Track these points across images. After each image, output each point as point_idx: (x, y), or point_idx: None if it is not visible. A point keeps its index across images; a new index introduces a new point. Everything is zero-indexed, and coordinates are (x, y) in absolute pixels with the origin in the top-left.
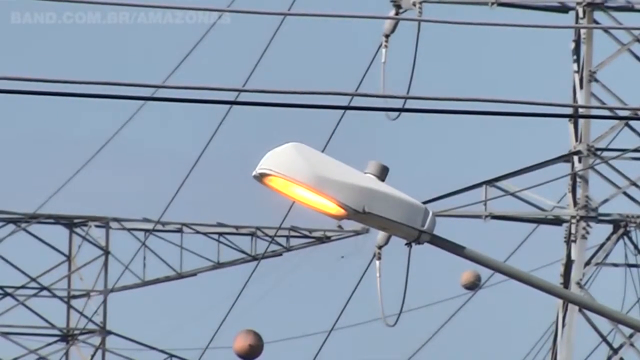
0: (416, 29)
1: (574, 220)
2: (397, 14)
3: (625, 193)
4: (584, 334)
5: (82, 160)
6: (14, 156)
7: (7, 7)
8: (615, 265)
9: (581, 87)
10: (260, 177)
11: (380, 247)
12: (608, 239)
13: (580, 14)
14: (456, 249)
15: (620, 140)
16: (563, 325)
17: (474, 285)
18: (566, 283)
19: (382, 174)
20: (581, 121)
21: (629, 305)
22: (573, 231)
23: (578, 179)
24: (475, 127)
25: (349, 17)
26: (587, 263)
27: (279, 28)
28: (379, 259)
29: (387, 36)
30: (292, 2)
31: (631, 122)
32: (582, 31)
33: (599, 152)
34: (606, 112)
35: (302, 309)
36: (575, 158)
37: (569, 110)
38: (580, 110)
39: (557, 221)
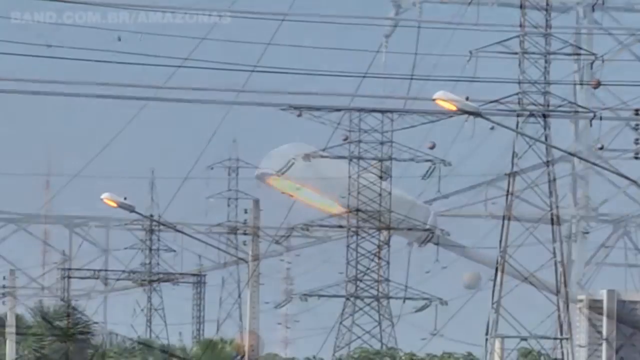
0: (416, 29)
1: (574, 220)
2: (397, 14)
3: (625, 193)
4: (584, 333)
5: (82, 161)
6: (14, 156)
7: (7, 7)
8: (615, 265)
9: (581, 87)
10: (261, 177)
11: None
12: (608, 239)
13: (581, 14)
14: (456, 249)
15: (620, 140)
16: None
17: (474, 285)
18: (566, 283)
19: (384, 173)
20: (581, 121)
21: None
22: (573, 231)
23: (578, 179)
24: (474, 127)
25: (348, 17)
26: (587, 263)
27: (278, 28)
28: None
29: (387, 37)
30: (291, 2)
31: (631, 122)
32: (582, 31)
33: (599, 152)
34: (606, 112)
35: (302, 308)
36: (575, 158)
37: None
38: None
39: (557, 221)
